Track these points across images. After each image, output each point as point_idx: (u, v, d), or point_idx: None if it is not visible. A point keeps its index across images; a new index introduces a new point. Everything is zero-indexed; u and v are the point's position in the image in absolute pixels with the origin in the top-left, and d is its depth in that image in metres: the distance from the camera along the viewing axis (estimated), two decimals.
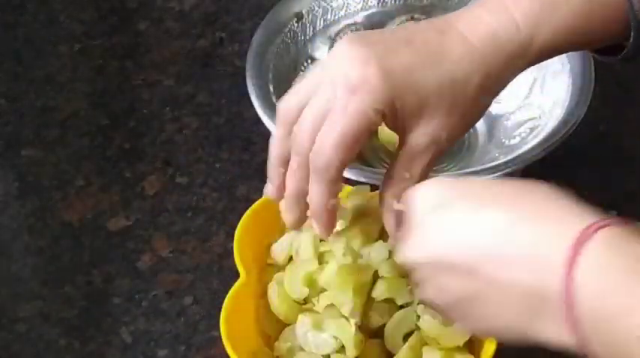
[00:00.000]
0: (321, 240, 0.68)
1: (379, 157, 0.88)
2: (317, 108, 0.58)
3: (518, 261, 0.49)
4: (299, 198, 0.61)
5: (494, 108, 0.90)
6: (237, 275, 0.69)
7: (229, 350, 0.65)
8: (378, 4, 0.92)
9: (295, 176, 0.60)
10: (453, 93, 0.59)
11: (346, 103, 0.57)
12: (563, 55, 0.85)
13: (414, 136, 0.59)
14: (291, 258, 0.71)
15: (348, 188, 0.70)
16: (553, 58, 0.65)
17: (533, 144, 0.80)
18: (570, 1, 0.60)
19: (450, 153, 0.88)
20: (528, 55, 0.60)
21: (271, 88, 0.85)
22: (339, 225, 0.65)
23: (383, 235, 0.65)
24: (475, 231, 0.51)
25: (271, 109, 0.82)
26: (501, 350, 0.64)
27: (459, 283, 0.52)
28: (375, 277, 0.65)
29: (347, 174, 0.76)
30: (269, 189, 0.64)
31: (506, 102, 0.89)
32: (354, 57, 0.57)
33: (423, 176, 0.60)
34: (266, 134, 0.83)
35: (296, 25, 0.89)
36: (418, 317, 0.66)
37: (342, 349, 0.66)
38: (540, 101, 0.86)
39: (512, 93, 0.89)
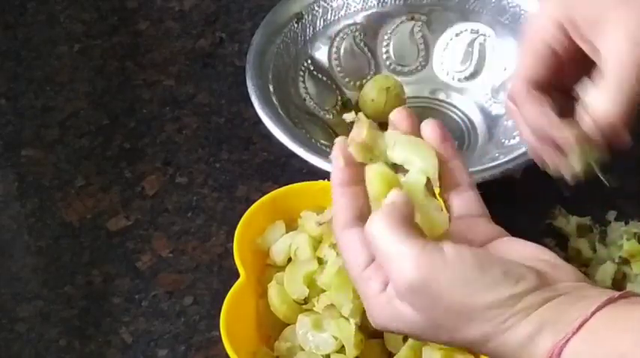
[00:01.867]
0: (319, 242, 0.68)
1: None
2: None
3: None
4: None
5: (494, 108, 0.90)
6: (237, 275, 0.69)
7: (229, 350, 0.65)
8: (378, 4, 0.92)
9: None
10: None
11: (529, 23, 0.62)
12: None
13: (610, 43, 0.57)
14: (290, 259, 0.71)
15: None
16: None
17: None
18: None
19: None
20: None
21: (271, 88, 0.85)
22: None
23: None
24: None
25: (271, 109, 0.82)
26: None
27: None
28: None
29: None
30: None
31: None
32: None
33: (634, 93, 0.57)
34: (266, 134, 0.83)
35: (296, 25, 0.89)
36: None
37: (342, 349, 0.66)
38: None
39: None
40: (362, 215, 0.55)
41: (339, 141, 0.57)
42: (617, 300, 0.50)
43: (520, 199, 0.84)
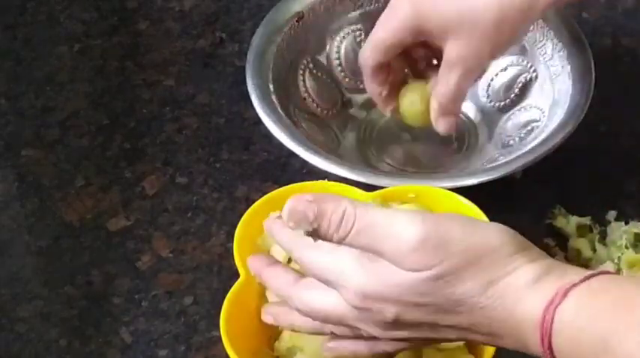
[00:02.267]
0: None
1: (381, 158, 0.88)
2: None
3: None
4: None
5: (495, 108, 0.90)
6: (237, 275, 0.69)
7: (229, 350, 0.65)
8: (378, 3, 0.92)
9: None
10: (472, 19, 0.73)
11: (384, 19, 0.78)
12: (564, 56, 0.85)
13: (446, 52, 0.75)
14: (290, 259, 0.71)
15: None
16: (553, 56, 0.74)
17: (533, 145, 0.80)
18: None
19: (450, 154, 0.88)
20: (539, 5, 0.73)
21: (271, 88, 0.84)
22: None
23: None
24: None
25: (271, 109, 0.82)
26: (502, 350, 0.64)
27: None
28: None
29: (347, 174, 0.77)
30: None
31: (507, 103, 0.89)
32: None
33: (459, 87, 0.76)
34: (266, 134, 0.83)
35: (296, 24, 0.89)
36: None
37: None
38: (540, 102, 0.86)
39: (512, 93, 0.89)
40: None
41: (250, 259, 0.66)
42: (608, 273, 0.53)
43: (520, 199, 0.84)
